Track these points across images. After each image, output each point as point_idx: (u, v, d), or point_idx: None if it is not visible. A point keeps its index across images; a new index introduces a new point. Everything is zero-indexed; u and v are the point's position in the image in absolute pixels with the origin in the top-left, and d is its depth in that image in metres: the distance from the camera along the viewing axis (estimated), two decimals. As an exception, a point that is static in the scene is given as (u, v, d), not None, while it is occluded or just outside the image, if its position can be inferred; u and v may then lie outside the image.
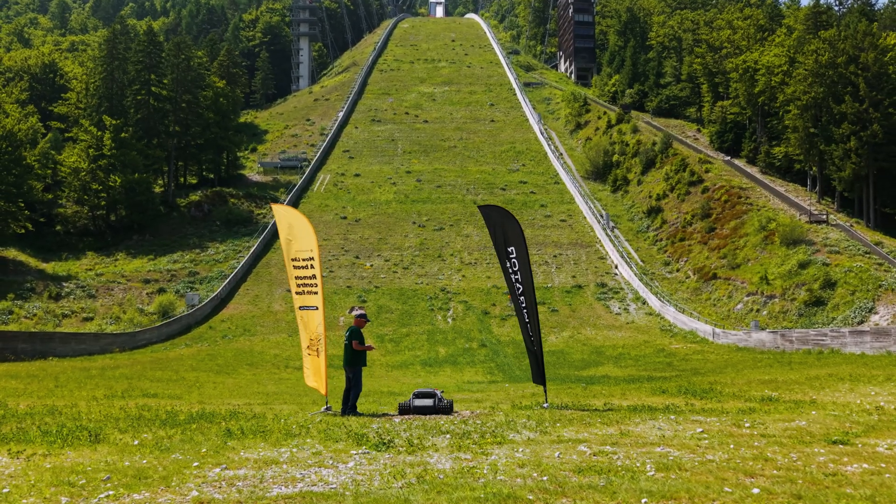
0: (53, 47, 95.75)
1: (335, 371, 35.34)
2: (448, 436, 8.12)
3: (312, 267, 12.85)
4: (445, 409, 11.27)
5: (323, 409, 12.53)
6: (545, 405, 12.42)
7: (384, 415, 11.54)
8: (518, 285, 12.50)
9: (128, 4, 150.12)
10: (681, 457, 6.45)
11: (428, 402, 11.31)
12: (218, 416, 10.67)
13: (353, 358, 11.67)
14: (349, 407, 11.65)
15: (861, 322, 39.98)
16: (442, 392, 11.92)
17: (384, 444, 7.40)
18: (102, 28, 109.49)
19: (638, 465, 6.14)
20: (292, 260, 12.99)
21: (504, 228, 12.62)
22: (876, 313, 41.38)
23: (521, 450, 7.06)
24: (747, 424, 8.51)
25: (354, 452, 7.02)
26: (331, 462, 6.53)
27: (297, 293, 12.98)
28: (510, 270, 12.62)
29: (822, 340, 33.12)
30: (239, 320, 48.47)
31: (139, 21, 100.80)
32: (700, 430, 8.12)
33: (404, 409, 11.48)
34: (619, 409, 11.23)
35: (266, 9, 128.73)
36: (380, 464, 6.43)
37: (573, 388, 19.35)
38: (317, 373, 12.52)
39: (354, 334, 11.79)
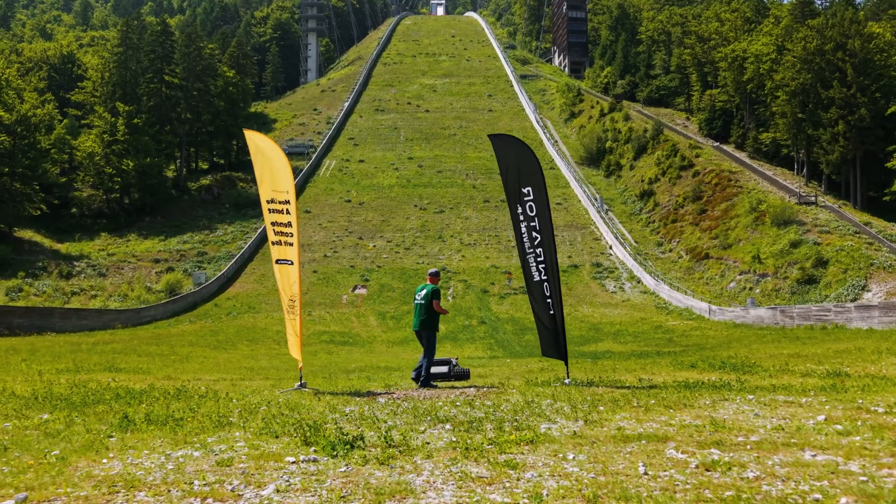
0: (73, 40, 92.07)
1: (336, 347, 32.07)
2: (448, 427, 4.83)
3: (289, 212, 9.71)
4: (462, 375, 9.90)
5: (296, 385, 9.43)
6: (567, 381, 9.31)
7: (369, 393, 8.48)
8: (535, 234, 9.03)
9: (146, 3, 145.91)
10: (872, 473, 3.25)
11: (443, 368, 9.92)
12: (153, 395, 7.57)
13: (432, 320, 9.45)
14: (424, 379, 9.26)
15: (855, 299, 36.95)
16: (456, 359, 10.26)
17: (346, 443, 4.14)
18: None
19: (816, 497, 2.93)
20: (268, 202, 9.82)
21: (519, 164, 9.19)
22: (868, 291, 38.41)
23: (571, 456, 3.80)
24: (879, 409, 5.35)
25: (291, 460, 3.77)
26: (235, 484, 3.28)
27: (273, 242, 9.85)
28: (523, 218, 9.15)
29: (826, 316, 29.97)
30: (244, 298, 45.44)
31: (156, 19, 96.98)
32: (822, 417, 4.92)
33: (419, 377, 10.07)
34: (666, 386, 8.03)
35: (276, 6, 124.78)
36: (323, 489, 3.19)
37: (581, 363, 16.51)
38: (296, 338, 9.52)
39: (435, 294, 9.53)
